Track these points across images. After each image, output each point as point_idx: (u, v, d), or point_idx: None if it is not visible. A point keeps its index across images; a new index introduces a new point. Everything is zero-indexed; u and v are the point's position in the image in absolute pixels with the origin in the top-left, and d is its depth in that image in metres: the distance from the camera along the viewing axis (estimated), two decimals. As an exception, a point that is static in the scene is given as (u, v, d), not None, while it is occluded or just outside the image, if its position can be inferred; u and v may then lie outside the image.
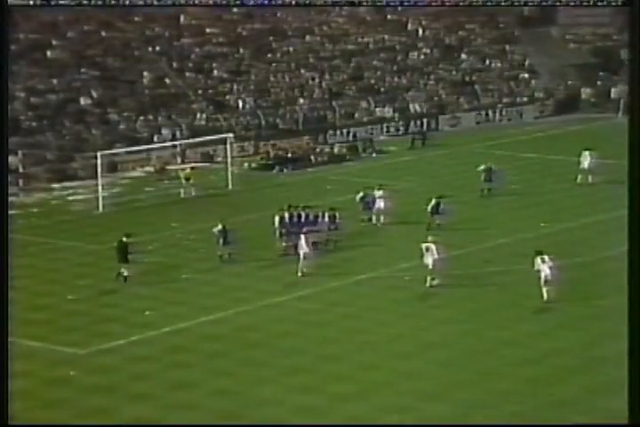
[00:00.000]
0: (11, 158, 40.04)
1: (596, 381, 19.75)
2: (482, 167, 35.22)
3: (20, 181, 39.28)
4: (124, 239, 26.77)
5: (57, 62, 47.56)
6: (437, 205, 30.91)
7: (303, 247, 27.06)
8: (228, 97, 48.98)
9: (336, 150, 44.66)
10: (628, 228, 14.54)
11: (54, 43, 48.69)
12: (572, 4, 29.46)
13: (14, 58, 46.13)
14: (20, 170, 39.83)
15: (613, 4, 25.30)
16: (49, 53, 48.02)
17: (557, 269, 24.36)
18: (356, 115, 49.82)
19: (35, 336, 22.86)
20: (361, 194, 32.00)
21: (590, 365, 20.75)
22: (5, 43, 15.87)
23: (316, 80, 51.73)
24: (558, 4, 31.00)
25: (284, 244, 28.90)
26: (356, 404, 19.52)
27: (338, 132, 47.56)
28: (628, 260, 14.55)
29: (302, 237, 27.33)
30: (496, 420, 18.42)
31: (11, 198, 36.96)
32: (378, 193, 31.98)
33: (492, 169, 35.13)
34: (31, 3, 26.97)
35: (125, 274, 26.42)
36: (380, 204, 31.75)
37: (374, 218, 31.71)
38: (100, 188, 35.31)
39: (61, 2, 27.72)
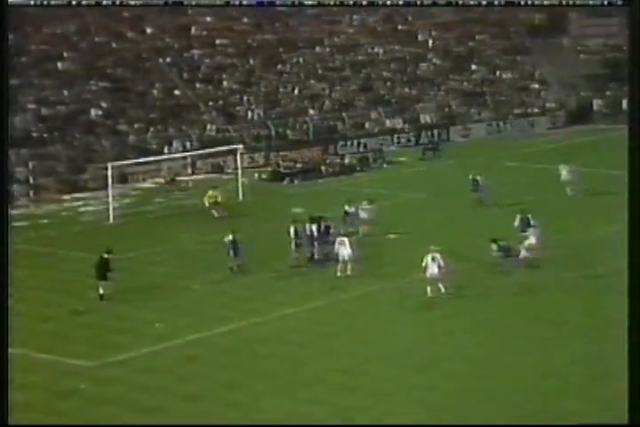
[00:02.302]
0: (21, 169, 40.27)
1: (611, 392, 19.58)
2: (470, 177, 35.47)
3: (31, 193, 39.44)
4: (105, 255, 26.46)
5: (67, 73, 47.75)
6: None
7: (344, 249, 27.15)
8: (238, 108, 49.08)
9: (346, 161, 44.67)
10: (628, 229, 14.80)
11: (65, 54, 48.94)
12: (571, 3, 29.92)
13: (25, 69, 46.42)
14: (31, 181, 39.96)
15: (613, 3, 25.60)
16: (59, 65, 48.25)
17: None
18: (367, 125, 49.82)
19: (43, 348, 22.87)
20: (346, 207, 31.66)
21: (603, 377, 20.63)
22: (5, 43, 15.54)
23: (326, 91, 51.82)
24: (558, 3, 31.41)
25: (297, 255, 28.87)
26: (366, 415, 19.44)
27: (348, 142, 47.58)
28: (628, 260, 14.81)
29: (342, 240, 27.41)
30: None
31: (21, 210, 37.80)
32: (364, 206, 31.94)
33: (479, 180, 35.30)
34: (31, 2, 26.83)
35: (101, 292, 26.03)
36: (364, 215, 31.69)
37: (360, 230, 31.42)
38: (110, 199, 35.39)
39: (61, 1, 27.63)
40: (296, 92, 51.25)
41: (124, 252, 28.81)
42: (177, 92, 49.14)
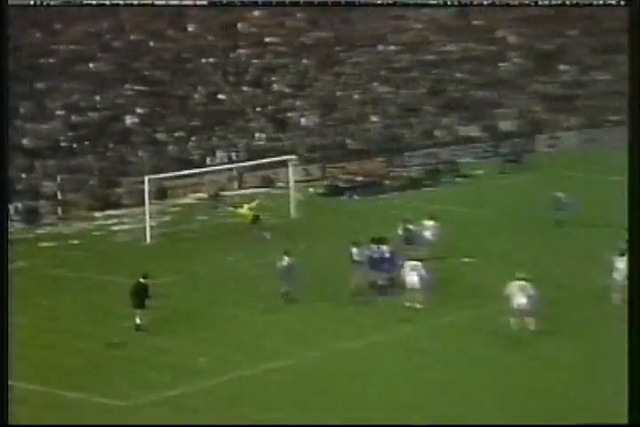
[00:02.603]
0: (48, 184, 40.89)
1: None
2: (552, 194, 35.11)
3: (59, 210, 39.92)
4: (142, 280, 26.57)
5: (100, 76, 48.47)
6: None
7: (413, 275, 27.12)
8: (290, 114, 49.34)
9: (414, 174, 44.67)
10: (628, 231, 16.35)
11: (97, 55, 49.73)
12: (571, 3, 33.74)
13: (52, 71, 47.25)
14: (59, 196, 40.49)
15: (613, 3, 28.15)
16: (91, 66, 49.01)
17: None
18: (437, 134, 49.76)
19: (73, 385, 22.98)
20: (402, 227, 31.44)
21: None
22: (5, 43, 17.04)
23: (391, 94, 51.88)
24: (557, 3, 34.92)
25: (357, 280, 28.85)
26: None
27: (416, 153, 47.61)
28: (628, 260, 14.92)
29: (412, 264, 27.39)
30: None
31: (48, 229, 38.37)
32: (428, 223, 31.86)
33: (561, 197, 34.94)
34: (31, 2, 29.37)
35: (138, 322, 26.16)
36: (430, 235, 31.60)
37: (427, 252, 31.26)
38: (147, 216, 35.73)
39: (61, 1, 30.28)
40: (356, 95, 51.42)
41: (163, 276, 29.01)
42: (222, 96, 49.61)
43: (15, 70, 45.67)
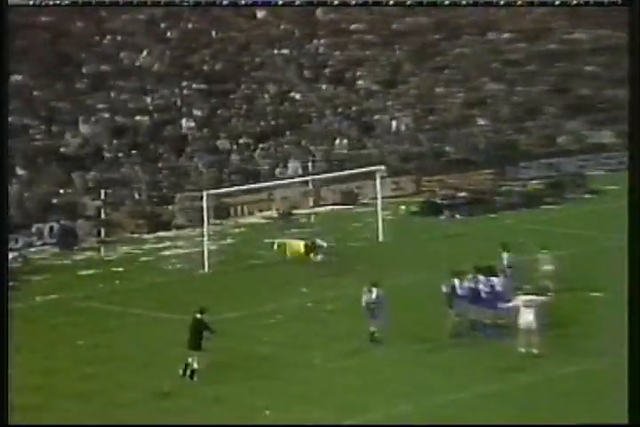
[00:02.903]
0: (88, 201, 41.26)
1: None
2: None
3: (102, 231, 40.35)
4: (199, 316, 26.41)
5: (150, 73, 49.06)
6: None
7: (528, 313, 26.88)
8: (378, 116, 49.34)
9: (531, 189, 44.35)
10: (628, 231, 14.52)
11: (148, 47, 50.30)
12: (571, 3, 38.05)
13: (94, 67, 47.86)
14: (102, 215, 40.91)
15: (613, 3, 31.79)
16: (140, 60, 49.63)
17: None
18: (560, 140, 49.33)
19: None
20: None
21: None
22: (6, 43, 19.28)
23: (503, 92, 51.59)
24: (557, 3, 38.63)
25: (457, 319, 28.62)
26: None
27: (533, 163, 47.26)
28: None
29: (527, 300, 27.15)
30: None
31: (88, 254, 38.81)
32: (542, 256, 31.59)
33: None
34: (31, 3, 33.30)
35: (195, 366, 25.97)
36: (547, 264, 31.42)
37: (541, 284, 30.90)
38: (205, 239, 35.83)
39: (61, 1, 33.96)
40: (459, 94, 51.22)
41: (223, 312, 29.09)
42: (296, 95, 49.83)
43: (50, 64, 46.54)
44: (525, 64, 53.54)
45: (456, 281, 28.79)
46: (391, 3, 37.79)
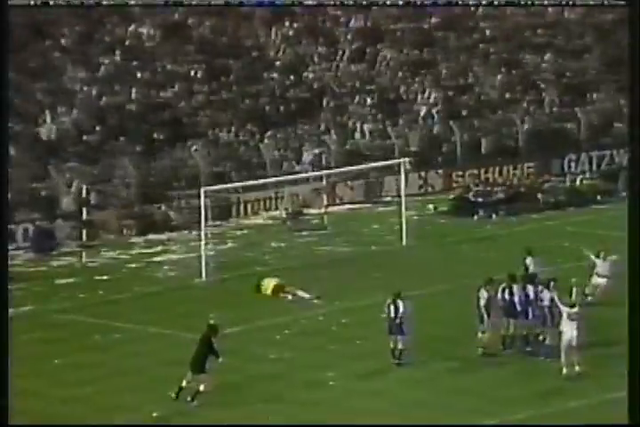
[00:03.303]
0: (67, 199, 41.02)
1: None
2: None
3: (83, 233, 40.26)
4: (209, 335, 26.60)
5: (142, 46, 48.92)
6: None
7: (572, 328, 27.22)
8: (404, 96, 49.13)
9: (579, 185, 44.56)
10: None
11: (135, 13, 50.04)
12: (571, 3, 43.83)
13: (71, 40, 47.53)
14: (83, 215, 40.84)
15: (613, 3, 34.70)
16: (130, 29, 49.46)
17: None
18: (617, 127, 48.99)
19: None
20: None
21: None
22: (6, 43, 21.09)
23: (548, 71, 51.32)
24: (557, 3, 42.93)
25: (488, 334, 28.85)
26: None
27: (582, 156, 47.41)
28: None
29: (573, 313, 27.46)
30: None
31: (68, 259, 38.77)
32: (598, 261, 31.90)
33: None
34: (31, 2, 36.15)
35: (201, 389, 26.21)
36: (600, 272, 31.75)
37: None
38: (202, 243, 35.95)
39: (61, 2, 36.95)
40: (498, 71, 51.06)
41: (223, 326, 29.08)
42: (308, 74, 49.60)
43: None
44: (577, 37, 53.13)
45: (482, 292, 28.77)
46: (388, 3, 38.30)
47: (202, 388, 26.39)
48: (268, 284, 33.85)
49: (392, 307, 28.38)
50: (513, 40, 53.07)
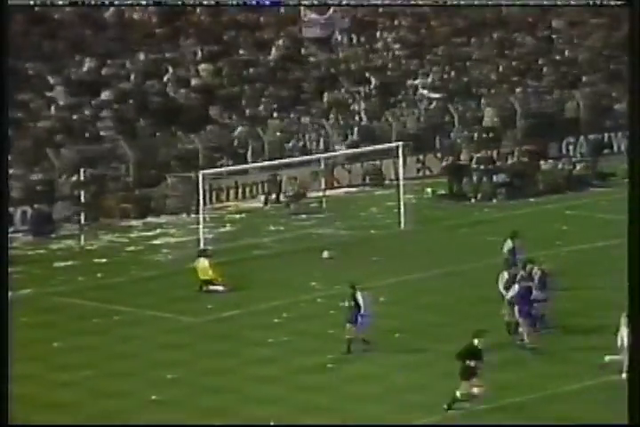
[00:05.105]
0: (64, 180, 40.98)
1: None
2: None
3: (81, 216, 40.05)
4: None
5: (139, 27, 48.92)
6: None
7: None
8: (402, 80, 48.81)
9: (579, 168, 44.49)
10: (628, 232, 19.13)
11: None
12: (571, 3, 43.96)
13: (66, 19, 47.34)
14: (81, 198, 40.63)
15: (613, 3, 35.13)
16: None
17: None
18: (618, 109, 48.25)
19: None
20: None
21: None
22: (6, 43, 21.23)
23: (546, 50, 51.05)
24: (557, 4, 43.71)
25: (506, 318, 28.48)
26: None
27: (582, 138, 47.30)
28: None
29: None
30: None
31: (67, 242, 38.81)
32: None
33: None
34: (31, 2, 36.51)
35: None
36: None
37: None
38: (201, 226, 36.10)
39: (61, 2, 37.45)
40: (495, 55, 50.91)
41: (221, 311, 29.19)
42: (305, 52, 49.30)
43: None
44: (577, 18, 53.00)
45: (504, 275, 28.65)
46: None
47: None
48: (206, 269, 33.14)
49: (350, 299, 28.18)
50: (512, 22, 52.93)
